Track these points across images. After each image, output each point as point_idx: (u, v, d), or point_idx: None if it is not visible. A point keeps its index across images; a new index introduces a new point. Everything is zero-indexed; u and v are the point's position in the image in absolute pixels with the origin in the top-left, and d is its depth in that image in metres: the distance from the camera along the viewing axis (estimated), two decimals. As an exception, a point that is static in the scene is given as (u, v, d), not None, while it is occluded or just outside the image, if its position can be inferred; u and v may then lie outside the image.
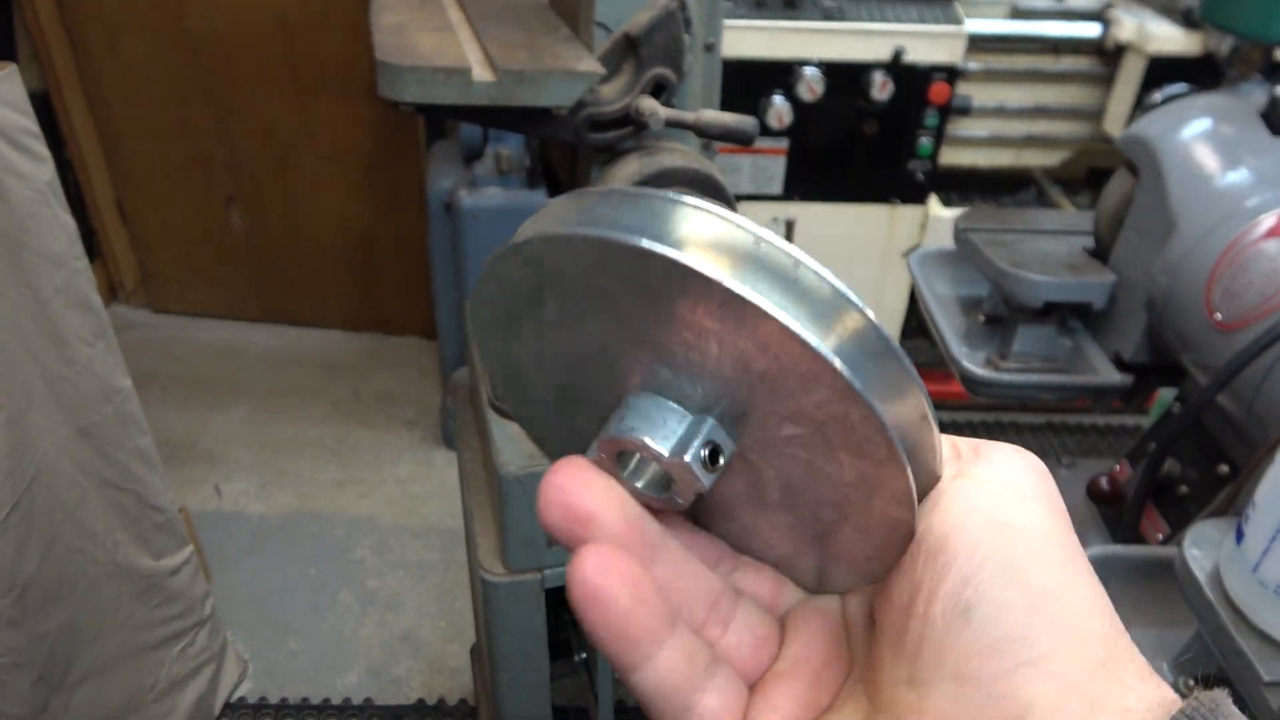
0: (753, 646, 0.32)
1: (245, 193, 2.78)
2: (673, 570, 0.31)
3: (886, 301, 2.44)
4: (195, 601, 1.67)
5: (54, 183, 1.28)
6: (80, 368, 1.36)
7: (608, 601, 0.26)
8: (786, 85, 2.07)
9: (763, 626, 0.32)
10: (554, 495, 0.28)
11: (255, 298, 2.98)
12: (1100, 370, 0.91)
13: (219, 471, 2.41)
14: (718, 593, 0.32)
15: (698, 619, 0.31)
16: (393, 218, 2.76)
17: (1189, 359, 0.81)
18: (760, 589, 0.34)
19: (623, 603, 0.26)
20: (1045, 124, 2.31)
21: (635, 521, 0.29)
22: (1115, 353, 0.90)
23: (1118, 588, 0.71)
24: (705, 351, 0.27)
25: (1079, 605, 0.26)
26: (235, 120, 2.65)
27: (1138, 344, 0.87)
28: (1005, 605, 0.26)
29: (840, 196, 2.27)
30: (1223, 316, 0.74)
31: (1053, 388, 0.91)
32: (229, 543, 2.18)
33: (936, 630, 0.27)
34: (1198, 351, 0.78)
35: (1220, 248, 0.77)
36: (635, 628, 0.27)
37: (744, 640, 0.32)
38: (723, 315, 0.25)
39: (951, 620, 0.26)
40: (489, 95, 0.95)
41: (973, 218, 1.03)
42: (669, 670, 0.28)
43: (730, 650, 0.31)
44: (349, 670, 1.90)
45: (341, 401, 2.70)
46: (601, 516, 0.28)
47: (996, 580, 0.26)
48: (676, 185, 1.05)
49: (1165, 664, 0.68)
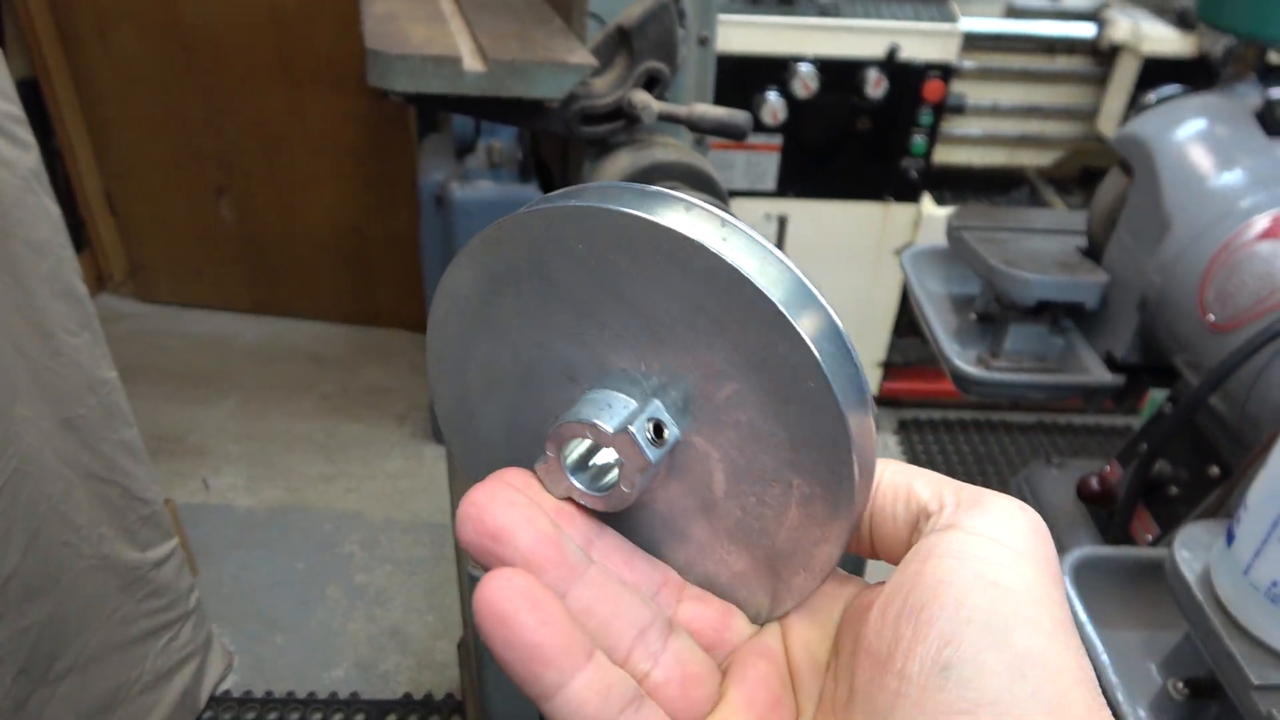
0: (682, 684, 0.30)
1: (236, 184, 2.76)
2: (594, 595, 0.29)
3: (878, 299, 2.44)
4: (181, 594, 1.66)
5: (39, 170, 1.26)
6: (65, 359, 1.35)
7: (511, 624, 0.25)
8: (781, 81, 2.06)
9: (697, 664, 0.30)
10: (469, 510, 0.27)
11: (245, 290, 2.96)
12: (1092, 370, 0.90)
13: (207, 464, 2.40)
14: (647, 623, 0.30)
15: (622, 649, 0.29)
16: (384, 211, 2.75)
17: (1181, 360, 0.81)
18: (703, 624, 0.32)
19: (527, 625, 0.25)
20: (1039, 123, 2.31)
21: (550, 540, 0.28)
22: (1107, 352, 0.90)
23: (1107, 589, 0.71)
24: (653, 315, 0.29)
25: (1064, 674, 0.25)
26: (226, 112, 2.63)
27: (1130, 344, 0.87)
28: (986, 667, 0.25)
29: (833, 194, 2.27)
30: (1216, 317, 0.74)
31: (1044, 387, 0.90)
32: (216, 536, 2.16)
33: (913, 688, 0.25)
34: (1190, 352, 0.78)
35: (1214, 248, 0.76)
36: (543, 652, 0.26)
37: (673, 677, 0.30)
38: (670, 259, 0.27)
39: (929, 679, 0.25)
40: (479, 86, 0.94)
41: (965, 216, 1.02)
42: (583, 701, 0.26)
43: (658, 687, 0.29)
44: (336, 665, 1.89)
45: (331, 395, 2.69)
46: (512, 533, 0.27)
47: (979, 640, 0.25)
48: (668, 179, 1.04)
49: (1154, 666, 0.68)
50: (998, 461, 2.58)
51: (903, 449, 2.61)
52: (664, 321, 0.29)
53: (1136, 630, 0.70)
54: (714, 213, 0.28)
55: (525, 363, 0.32)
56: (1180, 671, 0.65)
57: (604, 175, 1.05)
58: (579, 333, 0.30)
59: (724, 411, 0.29)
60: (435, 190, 2.19)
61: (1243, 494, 0.68)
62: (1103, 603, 0.70)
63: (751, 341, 0.28)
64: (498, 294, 0.31)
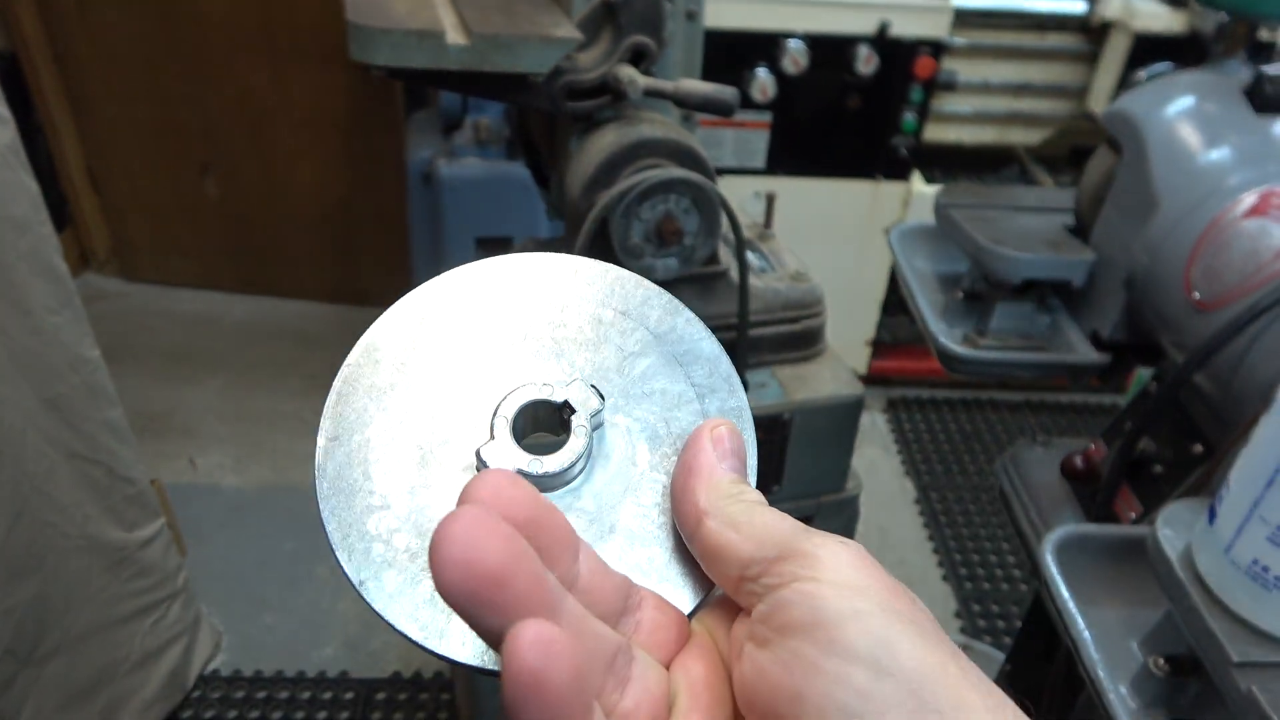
0: (651, 711, 0.29)
1: (220, 160, 2.73)
2: (575, 630, 0.27)
3: (867, 278, 2.43)
4: (169, 574, 1.66)
5: (15, 145, 1.24)
6: (46, 338, 1.33)
7: (549, 687, 0.23)
8: (770, 57, 2.04)
9: (658, 684, 0.30)
10: (454, 551, 0.24)
11: (230, 268, 2.94)
12: (1078, 349, 0.90)
13: (194, 444, 2.38)
14: (614, 650, 0.29)
15: (596, 684, 0.28)
16: (371, 188, 2.72)
17: (1167, 338, 0.81)
18: (657, 636, 0.32)
19: (563, 687, 0.23)
20: (1029, 101, 2.30)
21: (540, 576, 0.26)
22: (1093, 331, 0.90)
23: (1090, 566, 0.71)
24: (567, 322, 0.35)
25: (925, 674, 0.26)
26: (210, 86, 2.59)
27: (1116, 322, 0.87)
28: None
29: (823, 171, 2.26)
30: (1202, 295, 0.74)
31: (1030, 365, 0.90)
32: (204, 516, 2.16)
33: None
34: (1176, 331, 0.78)
35: (1201, 226, 0.76)
36: (568, 712, 0.24)
37: (641, 702, 0.29)
38: (580, 276, 0.36)
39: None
40: (462, 60, 0.93)
41: (953, 193, 1.02)
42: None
43: (626, 716, 0.29)
44: (325, 644, 1.90)
45: (318, 374, 2.67)
46: (514, 575, 0.24)
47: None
48: (655, 156, 1.03)
49: (1134, 643, 0.68)
50: (984, 440, 2.59)
51: (891, 427, 2.61)
52: (569, 336, 0.35)
53: (1118, 607, 0.71)
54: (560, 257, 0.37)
55: (436, 411, 0.34)
56: (1160, 649, 0.65)
57: (591, 150, 1.04)
58: (494, 375, 0.35)
59: (640, 383, 0.35)
60: (423, 167, 2.17)
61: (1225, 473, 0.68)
62: (1084, 580, 0.70)
63: (656, 321, 0.36)
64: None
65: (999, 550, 2.21)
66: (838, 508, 1.25)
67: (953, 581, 2.12)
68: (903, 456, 2.51)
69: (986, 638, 1.96)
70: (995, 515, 2.31)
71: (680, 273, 1.07)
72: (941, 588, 2.11)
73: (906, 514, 2.32)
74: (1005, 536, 2.24)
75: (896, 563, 2.17)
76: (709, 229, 1.05)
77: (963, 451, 2.54)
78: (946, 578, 2.13)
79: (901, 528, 2.27)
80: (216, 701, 1.76)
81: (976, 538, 2.24)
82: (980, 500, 2.36)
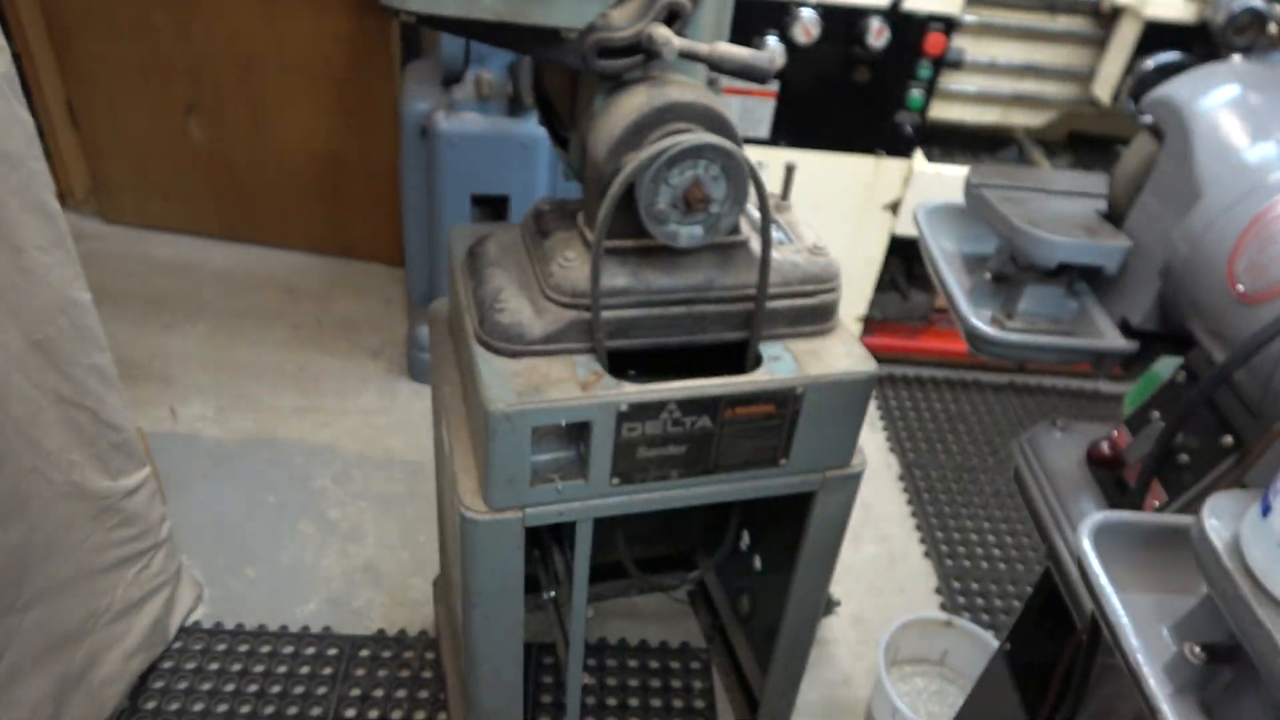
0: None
1: (206, 102, 2.65)
2: None
3: (863, 254, 2.43)
4: (152, 524, 1.63)
5: (10, 74, 1.19)
6: (35, 277, 1.29)
7: None
8: (782, 26, 2.01)
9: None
10: None
11: (214, 213, 2.87)
12: (1106, 335, 0.90)
13: (174, 393, 2.34)
14: None
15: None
16: (363, 138, 2.66)
17: (1202, 328, 0.81)
18: None
19: None
20: (1035, 83, 2.29)
21: None
22: (1123, 318, 0.90)
23: (1123, 552, 0.71)
24: None
25: None
26: (197, 24, 2.51)
27: (1148, 310, 0.87)
28: None
29: (826, 145, 2.24)
30: (1246, 289, 0.74)
31: (1058, 350, 0.90)
32: (185, 467, 2.12)
33: None
34: (1215, 322, 0.78)
35: (1246, 219, 0.76)
36: None
37: None
38: None
39: None
40: (496, 10, 0.90)
41: (984, 173, 1.01)
42: None
43: None
44: (308, 599, 1.88)
45: (302, 326, 2.63)
46: None
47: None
48: (685, 120, 1.01)
49: (1165, 630, 0.68)
50: (969, 420, 2.61)
51: (878, 404, 2.63)
52: None
53: (1148, 593, 0.71)
54: None
55: None
56: (1193, 636, 0.66)
57: (619, 111, 1.01)
58: None
59: None
60: (419, 120, 2.12)
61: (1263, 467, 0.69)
62: (1116, 566, 0.70)
63: None
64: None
65: (980, 529, 2.24)
66: (842, 483, 1.25)
67: (934, 558, 2.14)
68: (888, 433, 2.53)
69: (965, 614, 1.99)
70: (977, 494, 2.34)
71: (704, 241, 1.05)
72: (923, 564, 2.14)
73: (891, 490, 2.34)
74: (986, 516, 2.27)
75: (879, 538, 2.19)
76: (736, 197, 1.03)
77: (947, 430, 2.56)
78: (928, 554, 2.15)
79: (885, 503, 2.29)
80: (198, 654, 1.74)
81: (958, 516, 2.27)
82: (963, 479, 2.39)
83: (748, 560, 1.58)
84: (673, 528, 1.80)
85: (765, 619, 1.57)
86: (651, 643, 1.88)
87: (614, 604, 1.88)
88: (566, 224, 1.15)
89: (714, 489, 1.18)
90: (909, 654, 1.81)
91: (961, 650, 1.78)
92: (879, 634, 1.72)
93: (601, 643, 1.86)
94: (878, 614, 1.99)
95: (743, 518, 1.56)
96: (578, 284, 1.06)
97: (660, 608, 1.93)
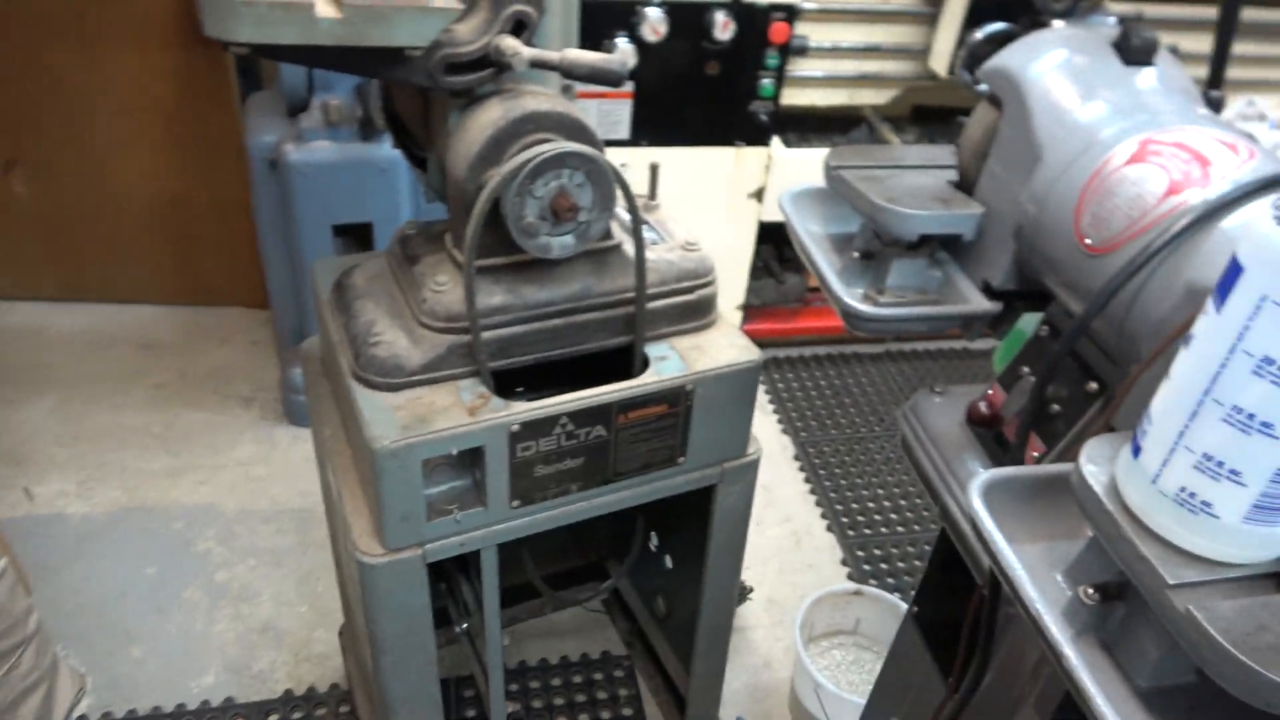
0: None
1: (29, 155, 2.46)
2: None
3: (734, 244, 2.47)
4: (17, 619, 1.49)
5: None
6: None
7: None
8: (630, 26, 2.02)
9: None
10: None
11: (51, 275, 2.67)
12: (971, 299, 0.94)
13: (27, 472, 2.16)
14: None
15: None
16: (208, 177, 2.52)
17: (1057, 283, 0.85)
18: None
19: None
20: (877, 63, 2.38)
21: None
22: (984, 281, 0.94)
23: (1010, 506, 0.73)
24: None
25: None
26: (13, 72, 2.32)
27: (1006, 271, 0.90)
28: None
29: (686, 140, 2.26)
30: (1093, 241, 0.78)
31: (930, 318, 0.93)
32: (49, 550, 1.96)
33: None
34: (1069, 276, 0.82)
35: (1085, 176, 0.80)
36: None
37: None
38: None
39: None
40: (335, 34, 0.86)
41: (841, 155, 1.03)
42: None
43: None
44: (204, 671, 1.77)
45: (165, 383, 2.47)
46: None
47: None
48: (543, 130, 0.99)
49: (1059, 575, 0.71)
50: (853, 393, 2.69)
51: (765, 388, 2.68)
52: None
53: (1036, 542, 0.74)
54: None
55: None
56: (1085, 578, 0.69)
57: (475, 126, 0.99)
58: None
59: None
60: (267, 153, 2.03)
61: (1128, 409, 0.72)
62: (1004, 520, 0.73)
63: None
64: None
65: (876, 497, 2.31)
66: (740, 471, 1.26)
67: (837, 532, 2.20)
68: (779, 415, 2.58)
69: (873, 582, 2.05)
70: (869, 464, 2.41)
71: (577, 250, 1.04)
72: (827, 538, 2.19)
73: (788, 471, 2.39)
74: (880, 484, 2.35)
75: (782, 519, 2.23)
76: (604, 203, 1.02)
77: (834, 405, 2.63)
78: (831, 528, 2.21)
79: (784, 484, 2.34)
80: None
81: (855, 487, 2.34)
82: (855, 450, 2.46)
83: (658, 561, 1.57)
84: (580, 539, 1.79)
85: (682, 616, 1.57)
86: (572, 657, 1.85)
87: (529, 625, 1.85)
88: (434, 247, 1.11)
89: (616, 497, 1.17)
90: (824, 628, 1.85)
91: (873, 618, 1.83)
92: (793, 613, 1.75)
93: (522, 666, 1.83)
94: (789, 594, 2.03)
95: (649, 519, 1.55)
96: (453, 307, 1.03)
97: (577, 621, 1.90)
